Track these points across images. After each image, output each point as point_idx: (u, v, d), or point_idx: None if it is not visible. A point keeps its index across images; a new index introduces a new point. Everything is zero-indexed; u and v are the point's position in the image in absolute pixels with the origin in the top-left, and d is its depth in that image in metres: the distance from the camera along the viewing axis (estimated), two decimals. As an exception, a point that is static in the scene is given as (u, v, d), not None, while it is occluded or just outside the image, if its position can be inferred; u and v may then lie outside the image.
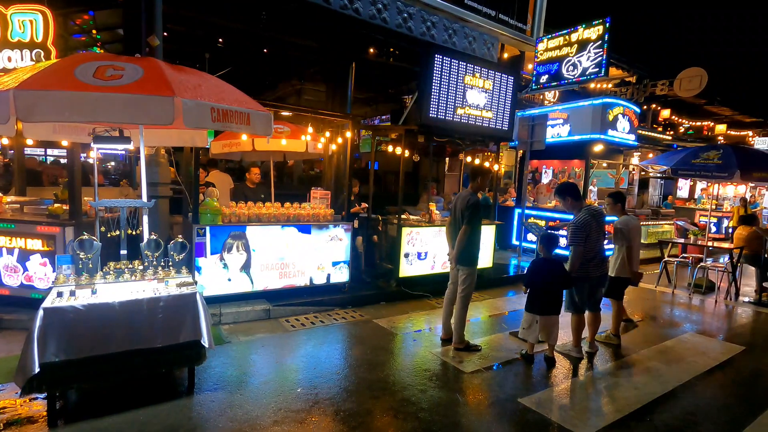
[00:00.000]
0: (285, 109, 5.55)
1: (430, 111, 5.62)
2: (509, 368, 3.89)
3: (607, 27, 7.98)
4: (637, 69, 14.72)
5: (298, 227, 5.15)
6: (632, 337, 4.91)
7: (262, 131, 3.21)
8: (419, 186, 10.71)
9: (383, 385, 3.44)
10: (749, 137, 22.61)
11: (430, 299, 5.79)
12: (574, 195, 4.23)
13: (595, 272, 4.08)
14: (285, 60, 8.95)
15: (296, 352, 4.04)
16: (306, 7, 6.35)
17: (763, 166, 6.65)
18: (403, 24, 7.20)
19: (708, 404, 3.42)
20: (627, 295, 6.83)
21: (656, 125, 18.41)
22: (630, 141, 8.79)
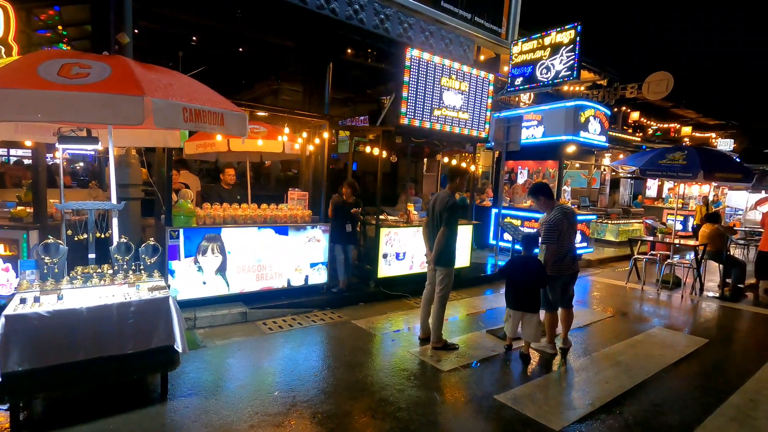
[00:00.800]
0: (261, 110, 5.48)
1: (406, 112, 5.65)
2: (486, 366, 3.95)
3: (578, 31, 8.22)
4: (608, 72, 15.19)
5: (275, 229, 5.10)
6: (604, 332, 5.07)
7: (236, 132, 3.16)
8: (398, 186, 10.75)
9: (362, 385, 3.44)
10: (713, 139, 23.66)
11: (409, 299, 5.83)
12: (546, 194, 4.33)
13: (568, 270, 4.19)
14: (261, 59, 8.86)
15: (273, 355, 4.00)
16: (282, 7, 6.29)
17: (724, 167, 6.97)
18: (380, 25, 7.23)
19: (674, 395, 3.56)
20: (599, 291, 7.09)
21: (626, 127, 19.03)
22: (601, 142, 9.06)
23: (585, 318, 5.49)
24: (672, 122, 21.96)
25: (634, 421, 3.11)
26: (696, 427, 3.06)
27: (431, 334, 4.28)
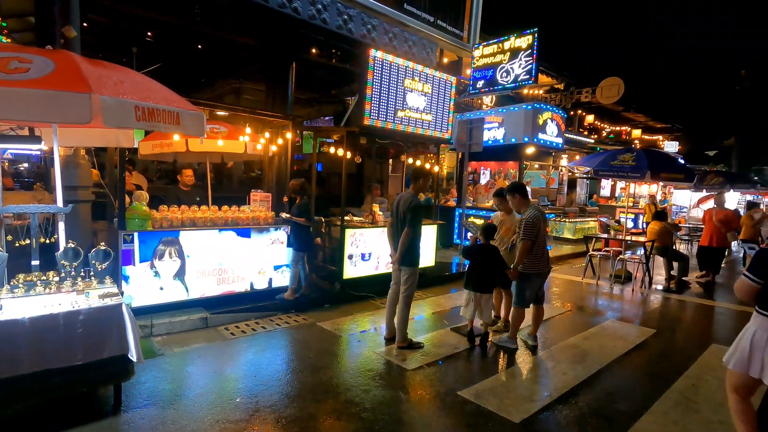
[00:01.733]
0: (221, 109, 5.34)
1: (371, 112, 5.67)
2: (450, 363, 4.02)
3: (535, 37, 8.53)
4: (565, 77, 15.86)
5: (237, 231, 4.97)
6: (563, 325, 5.28)
7: (194, 132, 3.07)
8: (363, 187, 10.76)
9: (326, 387, 3.42)
10: (660, 141, 25.19)
11: (375, 300, 5.84)
12: (523, 193, 4.48)
13: (546, 267, 4.35)
14: (222, 58, 8.62)
15: (236, 360, 3.90)
16: (242, 4, 6.15)
17: (668, 167, 7.44)
18: (343, 26, 7.21)
19: (625, 383, 3.76)
20: (558, 287, 7.38)
21: (582, 129, 19.93)
22: (558, 144, 9.44)
23: (545, 313, 5.67)
24: (623, 125, 23.21)
25: (589, 410, 3.27)
26: (644, 413, 3.25)
27: (396, 333, 4.30)
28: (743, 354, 2.48)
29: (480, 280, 4.37)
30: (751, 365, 2.44)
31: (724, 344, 4.78)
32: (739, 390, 2.59)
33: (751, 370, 2.44)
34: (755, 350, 2.43)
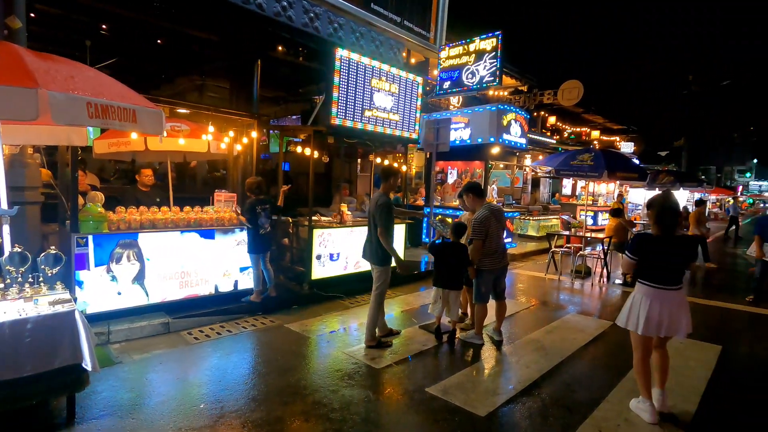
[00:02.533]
0: (182, 107, 5.17)
1: (338, 112, 5.65)
2: (419, 360, 4.07)
3: (499, 40, 8.75)
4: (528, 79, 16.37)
5: (200, 233, 4.83)
6: (527, 320, 5.45)
7: (151, 130, 2.96)
8: (332, 187, 10.69)
9: (294, 389, 3.38)
10: (617, 142, 26.41)
11: (344, 300, 5.82)
12: (476, 192, 4.58)
13: (498, 264, 4.45)
14: (183, 53, 8.32)
15: (200, 365, 3.79)
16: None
17: (624, 167, 7.82)
18: (309, 24, 7.13)
19: (584, 374, 3.92)
20: (523, 283, 7.60)
21: (545, 130, 20.62)
22: (522, 144, 9.72)
23: (510, 308, 5.80)
24: (583, 126, 24.20)
25: (550, 400, 3.39)
26: (602, 401, 3.40)
27: (366, 332, 4.31)
28: (626, 312, 3.24)
29: (449, 277, 4.45)
30: (629, 319, 3.18)
31: (674, 333, 5.08)
32: (638, 345, 3.24)
33: (629, 323, 3.18)
34: (633, 308, 3.19)
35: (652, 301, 3.10)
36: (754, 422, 3.27)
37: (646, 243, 3.20)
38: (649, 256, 3.15)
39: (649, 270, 3.15)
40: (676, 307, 3.09)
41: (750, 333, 5.43)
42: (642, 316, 3.10)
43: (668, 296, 3.09)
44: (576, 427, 3.02)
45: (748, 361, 4.46)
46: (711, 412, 3.32)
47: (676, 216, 3.14)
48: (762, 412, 3.42)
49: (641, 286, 3.19)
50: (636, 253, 3.18)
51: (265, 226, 5.16)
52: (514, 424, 3.06)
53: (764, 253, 6.51)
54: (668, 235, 3.12)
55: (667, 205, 3.12)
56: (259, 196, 5.18)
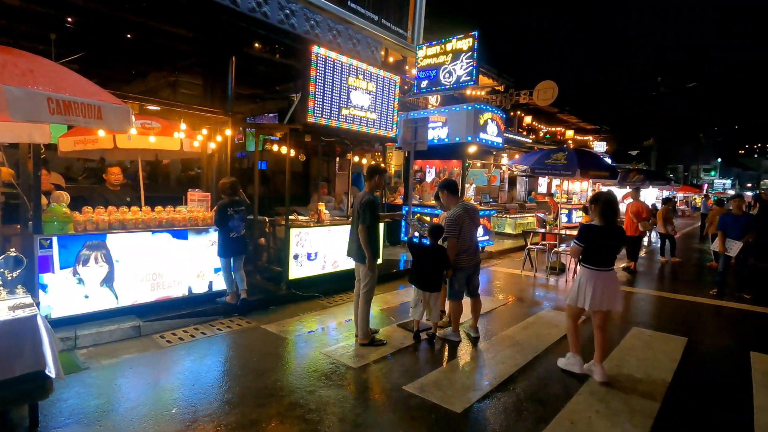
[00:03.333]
0: (152, 103, 5.02)
1: (314, 110, 5.59)
2: (397, 358, 4.07)
3: (475, 39, 8.83)
4: (505, 79, 16.61)
5: (172, 233, 4.71)
6: (503, 316, 5.53)
7: (118, 127, 2.86)
8: (310, 186, 10.60)
9: (270, 391, 3.33)
10: (590, 141, 27.12)
11: (322, 300, 5.78)
12: (450, 190, 4.60)
13: (470, 262, 4.50)
14: (155, 49, 8.08)
15: (172, 369, 3.69)
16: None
17: (596, 166, 8.03)
18: (285, 20, 7.04)
19: (557, 368, 4.00)
20: (500, 280, 7.71)
21: (521, 129, 20.99)
22: (498, 143, 9.85)
23: (487, 305, 5.94)
24: (558, 126, 24.74)
25: (525, 395, 3.45)
26: (574, 394, 3.49)
27: (358, 330, 4.32)
28: (575, 293, 3.78)
29: (425, 278, 4.39)
30: (578, 299, 3.74)
31: (643, 327, 5.26)
32: (572, 316, 3.93)
33: (578, 302, 3.75)
34: (580, 289, 3.73)
35: (595, 282, 3.66)
36: (716, 409, 3.40)
37: (592, 232, 3.74)
38: (592, 244, 3.71)
39: (592, 255, 3.72)
40: (610, 284, 3.70)
41: (713, 325, 5.66)
42: (588, 294, 3.66)
43: (605, 276, 3.69)
44: (549, 420, 3.08)
45: (712, 352, 4.64)
46: (677, 401, 3.44)
47: (616, 210, 3.72)
48: (724, 399, 3.56)
49: (585, 270, 3.74)
50: (583, 241, 3.73)
51: (237, 229, 4.94)
52: (489, 419, 3.10)
53: (727, 248, 6.80)
54: (609, 226, 3.69)
55: (609, 201, 3.71)
56: (232, 198, 4.95)
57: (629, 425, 3.04)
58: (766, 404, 3.43)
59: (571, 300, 3.83)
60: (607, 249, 3.73)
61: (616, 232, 3.75)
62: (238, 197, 5.06)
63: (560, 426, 3.01)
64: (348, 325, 4.88)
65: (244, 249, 5.11)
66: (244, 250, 5.11)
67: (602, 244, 3.71)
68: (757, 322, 5.74)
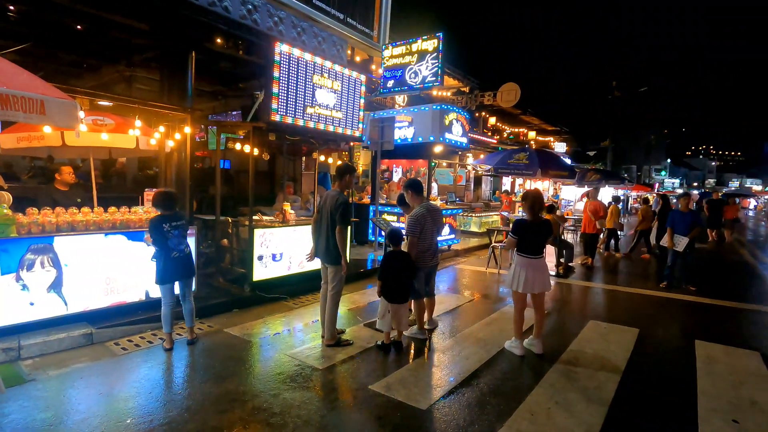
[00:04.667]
0: (103, 98, 4.77)
1: (278, 108, 5.49)
2: (362, 358, 4.07)
3: (440, 41, 8.95)
4: (470, 81, 16.93)
5: (127, 235, 4.50)
6: (468, 313, 5.64)
7: (63, 123, 2.70)
8: (276, 186, 10.40)
9: (233, 396, 3.25)
10: (551, 142, 28.09)
11: (288, 301, 5.69)
12: (415, 189, 4.63)
13: (430, 262, 4.56)
14: (108, 41, 7.68)
15: (127, 378, 3.53)
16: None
17: (556, 166, 8.34)
18: (247, 16, 6.87)
19: (519, 361, 4.13)
20: (466, 278, 7.86)
21: (486, 130, 21.47)
22: (463, 143, 10.03)
23: (453, 303, 6.05)
24: (521, 127, 25.48)
25: (488, 389, 3.53)
26: (535, 387, 3.60)
27: (325, 331, 4.28)
28: (510, 277, 4.28)
29: (395, 290, 4.22)
30: (513, 283, 4.24)
31: (600, 320, 5.50)
32: (516, 304, 4.34)
33: (513, 285, 4.25)
34: (515, 274, 4.23)
35: (527, 268, 4.18)
36: (665, 394, 3.60)
37: (524, 226, 4.27)
38: (525, 236, 4.23)
39: (525, 245, 4.23)
40: (540, 270, 4.23)
41: (663, 316, 6.00)
42: (522, 279, 4.18)
43: (536, 263, 4.22)
44: (511, 413, 3.17)
45: (661, 341, 4.92)
46: (630, 389, 3.62)
47: (542, 205, 4.34)
48: (672, 385, 3.78)
49: (519, 258, 4.26)
50: (517, 234, 4.26)
51: (179, 247, 4.06)
52: (454, 414, 3.15)
53: (674, 243, 7.23)
54: (537, 220, 4.28)
55: (537, 198, 4.30)
56: (166, 212, 4.07)
57: (586, 414, 3.18)
58: (708, 388, 3.68)
59: (508, 284, 4.33)
60: (536, 239, 4.23)
61: (543, 225, 4.30)
62: (174, 211, 4.15)
63: (521, 418, 3.10)
64: (314, 326, 4.83)
65: (191, 270, 4.25)
66: (191, 271, 4.26)
67: (532, 235, 4.22)
68: (700, 312, 6.14)
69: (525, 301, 4.32)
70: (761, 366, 4.19)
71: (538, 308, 4.35)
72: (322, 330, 4.38)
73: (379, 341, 4.34)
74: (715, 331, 5.25)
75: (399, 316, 4.25)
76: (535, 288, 4.21)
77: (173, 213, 4.12)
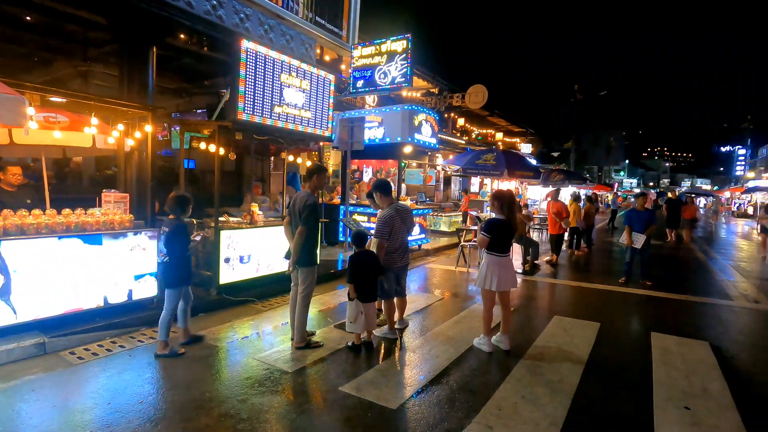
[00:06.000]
0: (55, 94, 4.52)
1: (245, 107, 5.37)
2: (333, 360, 4.04)
3: (409, 42, 9.02)
4: (439, 82, 17.14)
5: (83, 238, 4.27)
6: (438, 312, 5.71)
7: (9, 119, 2.54)
8: (243, 186, 10.18)
9: (198, 403, 3.15)
10: (518, 143, 28.86)
11: (256, 304, 5.58)
12: (383, 190, 4.64)
13: (399, 262, 4.59)
14: (62, 34, 7.28)
15: (84, 388, 3.35)
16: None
17: (522, 167, 8.58)
18: (212, 11, 6.68)
19: (487, 358, 4.22)
20: (436, 277, 7.94)
21: (455, 131, 21.81)
22: (433, 144, 10.15)
23: (423, 302, 6.11)
24: (489, 128, 26.04)
25: (458, 386, 3.59)
26: (502, 382, 3.68)
27: (295, 334, 4.22)
28: (482, 277, 4.32)
29: (366, 291, 4.20)
30: (485, 282, 4.29)
31: (564, 315, 5.69)
32: (486, 302, 4.40)
33: (486, 284, 4.29)
34: (487, 273, 4.29)
35: (498, 267, 4.29)
36: (623, 385, 3.77)
37: (495, 225, 4.35)
38: (496, 234, 4.31)
39: (495, 244, 4.32)
40: (508, 268, 4.36)
41: (622, 310, 6.28)
42: (494, 277, 4.26)
43: (504, 261, 4.34)
44: (479, 408, 3.23)
45: (621, 334, 5.15)
46: (592, 381, 3.77)
47: (513, 206, 4.41)
48: (630, 376, 3.96)
49: (489, 256, 4.35)
50: (489, 233, 4.33)
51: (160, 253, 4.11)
52: (424, 412, 3.17)
53: (633, 240, 7.58)
54: (508, 219, 4.36)
55: (508, 198, 4.42)
56: (182, 216, 4.20)
57: (550, 407, 3.28)
58: (663, 378, 3.88)
59: (479, 282, 4.38)
60: (506, 238, 4.36)
61: (511, 224, 4.41)
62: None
63: (489, 413, 3.16)
64: (284, 328, 4.76)
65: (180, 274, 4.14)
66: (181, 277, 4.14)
67: (502, 234, 4.33)
68: (656, 306, 6.46)
69: (494, 299, 4.40)
70: (710, 355, 4.46)
71: (505, 305, 4.45)
72: (292, 332, 4.32)
73: (349, 342, 4.33)
74: (669, 323, 5.54)
75: (369, 316, 4.24)
76: (504, 286, 4.31)
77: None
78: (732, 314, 6.09)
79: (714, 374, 4.00)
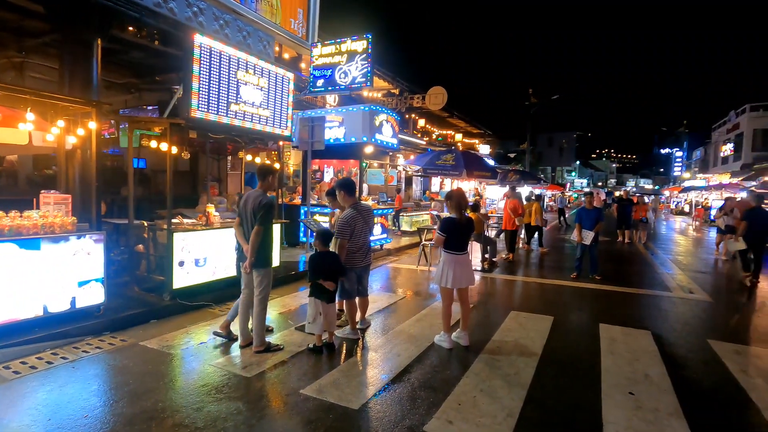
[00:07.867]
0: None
1: (199, 104, 5.18)
2: (294, 362, 3.97)
3: (369, 42, 9.04)
4: (400, 83, 17.29)
5: (18, 242, 3.96)
6: (400, 311, 5.75)
7: (-71, 114, 2.30)
8: (198, 186, 9.81)
9: (150, 415, 3.00)
10: (477, 144, 29.63)
11: (213, 308, 5.40)
12: (347, 190, 4.62)
13: (361, 263, 4.59)
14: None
15: (20, 405, 3.10)
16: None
17: (480, 167, 8.82)
18: (162, 3, 6.38)
19: (447, 354, 4.30)
20: (398, 276, 8.00)
21: (416, 131, 22.06)
22: (393, 144, 10.22)
23: (385, 301, 6.14)
24: (449, 129, 26.55)
25: (419, 383, 3.63)
26: (462, 377, 3.77)
27: (254, 338, 4.12)
28: (439, 274, 4.42)
29: (326, 291, 4.15)
30: (442, 279, 4.37)
31: (520, 310, 5.90)
32: (445, 299, 4.46)
33: (442, 282, 4.37)
34: (443, 271, 4.37)
35: (454, 264, 4.36)
36: (575, 374, 3.96)
37: (450, 223, 4.41)
38: (452, 233, 4.38)
39: (451, 242, 4.39)
40: (466, 266, 4.44)
41: (574, 304, 6.60)
42: (450, 275, 4.34)
43: (461, 259, 4.42)
44: (440, 404, 3.28)
45: (573, 327, 5.41)
46: (546, 372, 3.93)
47: (465, 204, 4.53)
48: (581, 365, 4.16)
49: (446, 255, 4.42)
50: (445, 231, 4.39)
51: None
52: (386, 410, 3.19)
53: (582, 237, 7.98)
54: (461, 217, 4.43)
55: (460, 197, 4.50)
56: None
57: (507, 399, 3.39)
58: (610, 366, 4.11)
59: (437, 280, 4.46)
60: (462, 236, 4.44)
61: (467, 222, 4.49)
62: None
63: (449, 408, 3.23)
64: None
65: None
66: None
67: (458, 232, 4.40)
68: (604, 298, 6.85)
69: (452, 296, 4.48)
70: (652, 343, 4.78)
71: (464, 302, 4.55)
72: (240, 338, 4.24)
73: (310, 344, 4.27)
74: (616, 314, 5.89)
75: (329, 317, 4.20)
76: (463, 282, 4.41)
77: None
78: (671, 304, 6.56)
79: (655, 361, 4.29)
